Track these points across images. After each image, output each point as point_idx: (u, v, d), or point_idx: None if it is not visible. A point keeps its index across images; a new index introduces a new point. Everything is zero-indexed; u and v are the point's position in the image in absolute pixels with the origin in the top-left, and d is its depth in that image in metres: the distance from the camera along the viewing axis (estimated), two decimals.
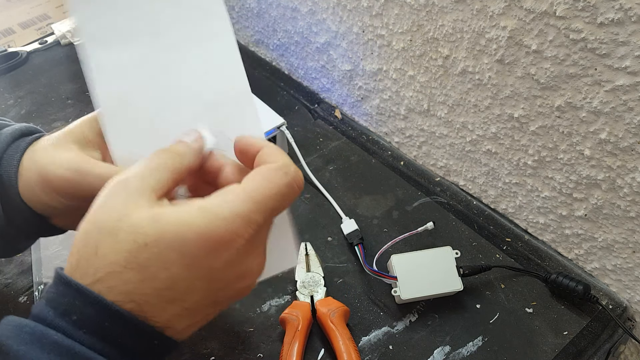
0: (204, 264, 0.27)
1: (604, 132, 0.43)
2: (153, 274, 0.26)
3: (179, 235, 0.26)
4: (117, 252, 0.26)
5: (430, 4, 0.50)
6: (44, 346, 0.24)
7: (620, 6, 0.36)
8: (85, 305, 0.26)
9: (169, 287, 0.27)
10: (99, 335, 0.26)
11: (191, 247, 0.27)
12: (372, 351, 0.46)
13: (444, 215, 0.58)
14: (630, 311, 0.51)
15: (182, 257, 0.27)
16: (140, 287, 0.26)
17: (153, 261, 0.26)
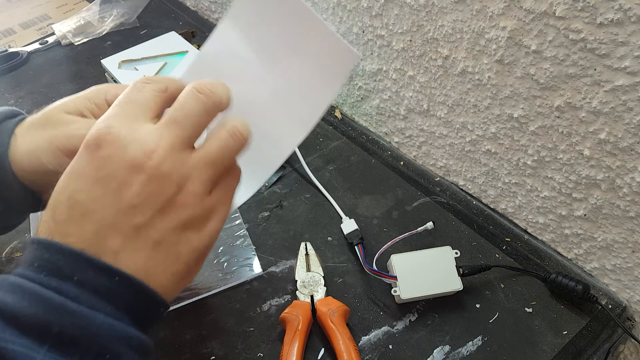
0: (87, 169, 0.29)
1: (603, 132, 0.43)
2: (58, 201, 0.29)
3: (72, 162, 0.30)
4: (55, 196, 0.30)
5: (430, 4, 0.50)
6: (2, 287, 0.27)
7: (619, 6, 0.37)
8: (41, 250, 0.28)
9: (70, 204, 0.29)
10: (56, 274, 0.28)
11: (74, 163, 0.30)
12: (372, 351, 0.47)
13: (443, 215, 0.58)
14: (629, 311, 0.51)
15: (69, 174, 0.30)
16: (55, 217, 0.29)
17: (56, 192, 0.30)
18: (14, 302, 0.26)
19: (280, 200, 0.60)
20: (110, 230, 0.29)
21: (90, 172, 0.29)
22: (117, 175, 0.29)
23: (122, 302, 0.28)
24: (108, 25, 0.89)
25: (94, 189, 0.29)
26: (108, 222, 0.29)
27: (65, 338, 0.26)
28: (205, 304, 0.50)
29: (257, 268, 0.53)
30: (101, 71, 0.77)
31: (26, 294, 0.27)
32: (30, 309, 0.26)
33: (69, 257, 0.28)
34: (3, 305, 0.26)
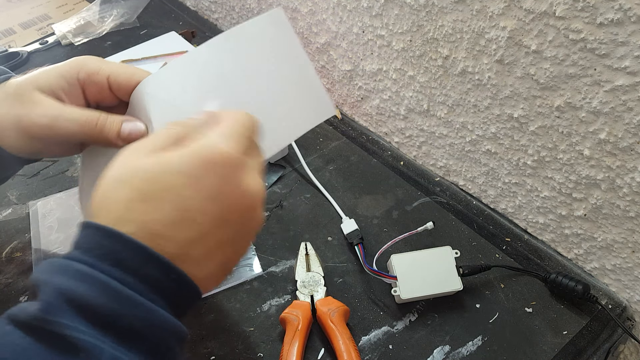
0: (207, 182, 0.31)
1: (603, 132, 0.43)
2: (164, 198, 0.30)
3: (182, 162, 0.30)
4: (131, 192, 0.30)
5: (430, 4, 0.50)
6: (66, 273, 0.27)
7: (619, 6, 0.37)
8: (103, 238, 0.29)
9: (177, 207, 0.30)
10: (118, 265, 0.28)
11: (193, 170, 0.30)
12: (372, 351, 0.47)
13: (443, 215, 0.58)
14: (629, 311, 0.51)
15: (187, 179, 0.30)
16: (153, 214, 0.30)
17: (162, 189, 0.30)
18: (84, 291, 0.27)
19: (280, 200, 0.60)
20: (200, 242, 0.31)
21: (209, 186, 0.31)
22: (231, 199, 0.32)
23: (175, 299, 0.30)
24: (108, 25, 0.89)
25: (206, 204, 0.31)
26: (202, 235, 0.31)
27: (130, 330, 0.27)
28: (205, 304, 0.50)
29: (257, 268, 0.53)
30: None
31: (96, 283, 0.27)
32: (100, 299, 0.27)
33: (133, 250, 0.29)
34: (72, 293, 0.27)
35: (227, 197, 0.32)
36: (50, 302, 0.26)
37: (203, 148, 0.31)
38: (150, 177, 0.30)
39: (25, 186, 0.62)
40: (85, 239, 0.30)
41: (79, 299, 0.27)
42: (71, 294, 0.27)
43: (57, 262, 0.28)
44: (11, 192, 0.61)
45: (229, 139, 0.33)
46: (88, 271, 0.28)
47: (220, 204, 0.32)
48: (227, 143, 0.32)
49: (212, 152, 0.31)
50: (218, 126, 0.34)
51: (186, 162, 0.31)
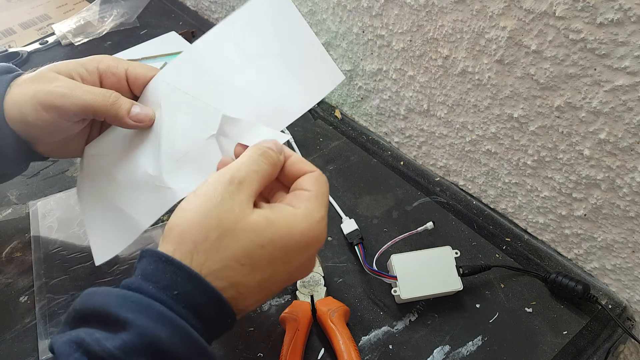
0: (299, 260, 0.33)
1: (603, 132, 0.43)
2: (261, 269, 0.31)
3: (288, 238, 0.32)
4: (236, 251, 0.31)
5: (430, 4, 0.50)
6: (150, 315, 0.27)
7: (619, 6, 0.37)
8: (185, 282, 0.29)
9: (269, 279, 0.32)
10: (194, 311, 0.29)
11: (294, 247, 0.32)
12: (372, 351, 0.47)
13: (443, 215, 0.58)
14: (629, 311, 0.51)
15: (286, 254, 0.32)
16: (247, 279, 0.31)
17: (264, 259, 0.31)
18: (166, 337, 0.27)
19: None
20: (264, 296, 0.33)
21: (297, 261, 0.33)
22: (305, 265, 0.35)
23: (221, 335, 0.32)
24: (108, 25, 0.89)
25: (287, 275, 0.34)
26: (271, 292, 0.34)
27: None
28: None
29: None
30: None
31: (177, 330, 0.28)
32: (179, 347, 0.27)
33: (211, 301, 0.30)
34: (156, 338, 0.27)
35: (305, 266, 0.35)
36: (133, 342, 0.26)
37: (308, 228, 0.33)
38: (258, 244, 0.31)
39: (25, 186, 0.62)
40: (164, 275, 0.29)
41: (159, 345, 0.27)
42: (153, 340, 0.27)
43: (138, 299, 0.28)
44: (11, 192, 0.61)
45: (325, 222, 0.34)
46: (170, 315, 0.28)
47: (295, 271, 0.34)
48: (324, 228, 0.34)
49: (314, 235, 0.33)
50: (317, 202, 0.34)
51: (291, 239, 0.32)
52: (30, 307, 0.50)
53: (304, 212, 0.33)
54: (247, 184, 0.32)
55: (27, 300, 0.50)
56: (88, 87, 0.42)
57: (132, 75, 0.45)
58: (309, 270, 0.36)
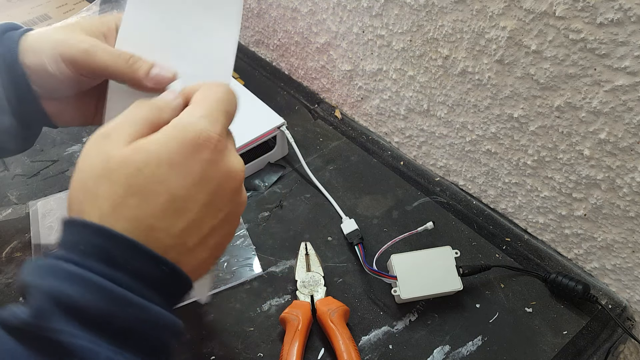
0: (192, 168, 0.30)
1: (603, 132, 0.43)
2: (153, 191, 0.29)
3: (163, 150, 0.30)
4: (115, 186, 0.29)
5: (430, 4, 0.50)
6: (56, 275, 0.27)
7: (619, 6, 0.37)
8: (92, 235, 0.28)
9: (170, 199, 0.29)
10: (107, 262, 0.27)
11: (176, 156, 0.30)
12: (372, 351, 0.47)
13: (443, 215, 0.58)
14: (629, 311, 0.51)
15: (171, 167, 0.30)
16: (145, 208, 0.29)
17: (149, 181, 0.29)
18: (75, 293, 0.26)
19: (280, 200, 0.60)
20: (194, 230, 0.31)
21: (194, 172, 0.30)
22: (217, 182, 0.31)
23: (167, 291, 0.30)
24: None
25: (194, 190, 0.30)
26: (195, 223, 0.31)
27: (126, 330, 0.27)
28: (205, 304, 0.50)
29: (257, 268, 0.53)
30: None
31: (87, 284, 0.26)
32: (93, 301, 0.26)
33: (122, 245, 0.28)
34: (65, 297, 0.26)
35: (214, 180, 0.31)
36: (41, 306, 0.25)
37: (183, 132, 0.30)
38: (134, 170, 0.29)
39: (25, 186, 0.62)
40: (72, 236, 0.28)
41: (70, 302, 0.26)
42: (62, 297, 0.26)
43: (45, 263, 0.27)
44: (11, 192, 0.61)
45: (209, 119, 0.31)
46: (78, 271, 0.27)
47: (208, 189, 0.31)
48: (207, 124, 0.31)
49: (193, 135, 0.30)
50: (196, 105, 0.32)
51: (168, 149, 0.30)
52: None
53: (176, 122, 0.31)
54: (115, 132, 0.31)
55: None
56: (109, 47, 0.40)
57: None
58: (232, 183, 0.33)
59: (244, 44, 0.87)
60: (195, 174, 0.30)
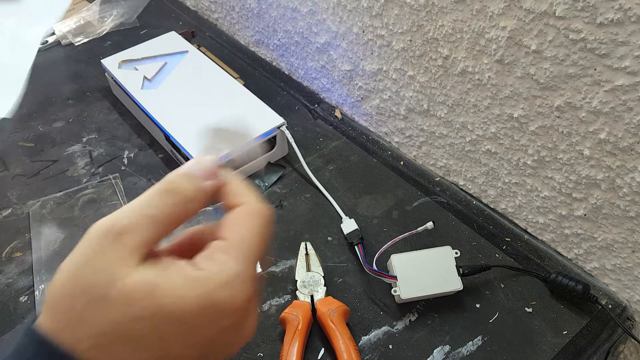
0: (203, 334, 0.25)
1: (603, 132, 0.43)
2: (147, 344, 0.24)
3: (177, 309, 0.24)
4: (106, 324, 0.23)
5: (430, 4, 0.50)
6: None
7: (619, 6, 0.37)
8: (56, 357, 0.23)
9: (161, 356, 0.24)
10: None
11: (190, 320, 0.24)
12: (372, 350, 0.47)
13: (443, 215, 0.58)
14: (629, 311, 0.51)
15: (179, 328, 0.24)
16: (129, 357, 0.24)
17: (147, 333, 0.24)
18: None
19: (280, 200, 0.60)
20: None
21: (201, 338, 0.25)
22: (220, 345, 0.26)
23: None
24: (108, 25, 0.89)
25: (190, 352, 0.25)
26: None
27: None
28: None
29: (257, 268, 0.53)
30: (101, 71, 0.76)
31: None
32: None
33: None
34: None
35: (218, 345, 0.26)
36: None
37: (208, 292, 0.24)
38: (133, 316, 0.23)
39: (25, 186, 0.62)
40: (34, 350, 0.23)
41: None
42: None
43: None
44: (11, 192, 0.61)
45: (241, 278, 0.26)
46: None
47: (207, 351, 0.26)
48: (239, 286, 0.26)
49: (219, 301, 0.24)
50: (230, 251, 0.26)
51: (183, 307, 0.24)
52: (30, 307, 0.50)
53: (203, 275, 0.25)
54: (130, 234, 0.24)
55: (27, 300, 0.50)
56: None
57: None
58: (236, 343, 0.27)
59: (244, 44, 0.87)
60: (200, 340, 0.25)
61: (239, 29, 0.86)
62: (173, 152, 0.64)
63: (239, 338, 0.27)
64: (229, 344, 0.27)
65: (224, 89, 0.67)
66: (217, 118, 0.63)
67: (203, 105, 0.65)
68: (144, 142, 0.68)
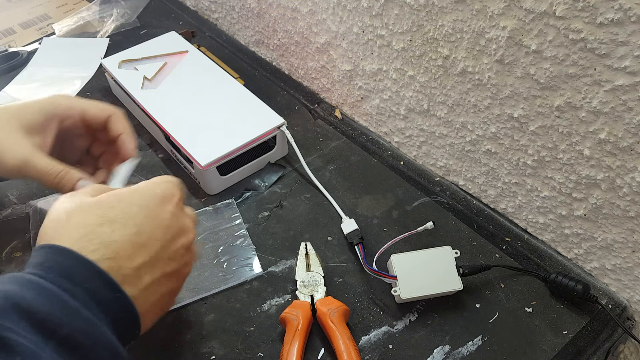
0: (158, 213, 0.37)
1: (603, 132, 0.43)
2: (123, 223, 0.34)
3: (136, 195, 0.37)
4: (88, 217, 0.34)
5: (430, 4, 0.50)
6: (19, 283, 0.29)
7: (619, 6, 0.37)
8: (56, 255, 0.31)
9: (136, 232, 0.35)
10: (67, 277, 0.30)
11: (146, 201, 0.37)
12: (372, 350, 0.47)
13: (443, 214, 0.58)
14: (629, 310, 0.51)
15: (141, 209, 0.36)
16: (113, 235, 0.34)
17: (121, 216, 0.35)
18: (30, 298, 0.28)
19: (280, 200, 0.60)
20: (150, 267, 0.35)
21: (158, 216, 0.37)
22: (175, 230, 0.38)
23: (117, 321, 0.32)
24: (108, 25, 0.89)
25: (157, 231, 0.36)
26: (152, 260, 0.35)
27: (71, 341, 0.28)
28: (205, 304, 0.50)
29: (257, 268, 0.53)
30: (101, 71, 0.77)
31: (44, 292, 0.29)
32: (46, 306, 0.28)
33: (83, 266, 0.31)
34: (21, 298, 0.28)
35: (172, 229, 0.38)
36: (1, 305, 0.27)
37: (153, 186, 0.38)
38: (107, 206, 0.35)
39: (26, 186, 0.62)
40: (39, 258, 0.31)
41: (24, 304, 0.28)
42: (18, 299, 0.28)
43: (10, 274, 0.30)
44: (11, 192, 0.61)
45: (173, 183, 0.40)
46: (38, 280, 0.29)
47: (168, 235, 0.37)
48: (172, 186, 0.40)
49: (161, 189, 0.38)
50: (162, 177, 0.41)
51: (140, 196, 0.37)
52: None
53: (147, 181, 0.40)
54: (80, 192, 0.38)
55: None
56: (39, 161, 0.45)
57: (87, 117, 0.50)
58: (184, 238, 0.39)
59: (244, 44, 0.87)
60: (159, 219, 0.37)
61: (239, 29, 0.86)
62: (173, 152, 0.64)
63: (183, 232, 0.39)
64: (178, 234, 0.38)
65: (224, 89, 0.67)
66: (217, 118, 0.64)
67: (203, 105, 0.65)
68: (144, 142, 0.68)
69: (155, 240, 0.36)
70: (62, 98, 0.50)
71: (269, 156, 0.64)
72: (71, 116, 0.50)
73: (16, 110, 0.46)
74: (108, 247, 0.33)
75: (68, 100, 0.50)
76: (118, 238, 0.34)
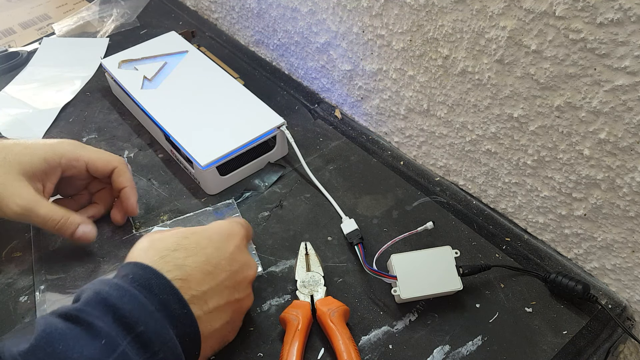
0: (224, 247, 0.43)
1: (603, 132, 0.43)
2: (195, 251, 0.41)
3: (207, 230, 0.44)
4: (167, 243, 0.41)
5: (430, 4, 0.50)
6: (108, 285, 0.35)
7: (619, 6, 0.37)
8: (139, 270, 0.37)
9: (205, 261, 0.41)
10: (146, 288, 0.36)
11: (215, 235, 0.43)
12: (372, 350, 0.47)
13: (443, 214, 0.58)
14: (629, 310, 0.51)
15: (211, 241, 0.42)
16: (185, 260, 0.40)
17: (193, 245, 0.41)
18: (116, 297, 0.34)
19: (280, 200, 0.60)
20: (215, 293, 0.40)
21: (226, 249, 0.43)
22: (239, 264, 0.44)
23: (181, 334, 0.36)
24: (108, 25, 0.89)
25: (224, 262, 0.42)
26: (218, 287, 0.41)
27: (145, 338, 0.34)
28: None
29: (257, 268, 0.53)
30: (101, 71, 0.77)
31: (127, 294, 0.35)
32: (128, 305, 0.34)
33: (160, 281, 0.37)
34: (108, 295, 0.34)
35: (237, 262, 0.43)
36: (88, 299, 0.34)
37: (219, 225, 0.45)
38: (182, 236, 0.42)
39: None
40: (124, 271, 0.37)
41: (111, 301, 0.34)
42: (105, 296, 0.34)
43: (101, 278, 0.37)
44: None
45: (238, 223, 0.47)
46: (123, 285, 0.35)
47: (233, 267, 0.42)
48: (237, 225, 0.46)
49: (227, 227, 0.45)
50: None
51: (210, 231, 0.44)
52: (30, 307, 0.50)
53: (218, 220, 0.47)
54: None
55: (27, 300, 0.50)
56: (42, 207, 0.48)
57: (92, 168, 0.53)
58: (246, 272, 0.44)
59: (244, 44, 0.87)
60: (225, 251, 0.43)
61: (238, 29, 0.86)
62: (173, 152, 0.64)
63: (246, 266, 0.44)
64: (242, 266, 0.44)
65: (224, 89, 0.67)
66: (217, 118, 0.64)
67: (203, 105, 0.65)
68: (144, 142, 0.68)
69: (221, 270, 0.41)
70: (68, 147, 0.52)
71: (269, 156, 0.64)
72: (76, 167, 0.52)
73: (20, 154, 0.49)
74: (180, 269, 0.39)
75: (74, 150, 0.52)
76: (190, 263, 0.39)
